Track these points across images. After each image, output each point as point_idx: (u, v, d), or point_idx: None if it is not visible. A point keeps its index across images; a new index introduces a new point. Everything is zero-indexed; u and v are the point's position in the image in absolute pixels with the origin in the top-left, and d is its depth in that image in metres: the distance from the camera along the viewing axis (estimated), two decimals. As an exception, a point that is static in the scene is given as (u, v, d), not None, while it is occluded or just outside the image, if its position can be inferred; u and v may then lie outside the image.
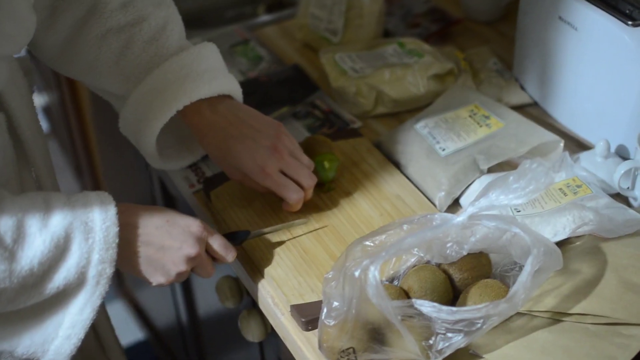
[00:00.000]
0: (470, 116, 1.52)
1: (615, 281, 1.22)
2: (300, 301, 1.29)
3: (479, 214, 1.17)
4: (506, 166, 1.46)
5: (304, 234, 1.39)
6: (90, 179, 2.81)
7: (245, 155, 1.37)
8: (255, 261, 1.37)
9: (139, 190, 2.06)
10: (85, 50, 1.41)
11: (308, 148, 1.47)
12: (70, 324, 1.21)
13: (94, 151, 2.68)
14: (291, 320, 1.29)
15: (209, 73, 1.42)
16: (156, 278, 1.26)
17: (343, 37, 1.80)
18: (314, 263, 1.35)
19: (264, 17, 2.09)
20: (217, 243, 1.28)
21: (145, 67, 1.41)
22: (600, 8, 1.46)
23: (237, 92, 1.46)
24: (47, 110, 3.33)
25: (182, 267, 1.25)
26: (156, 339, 2.65)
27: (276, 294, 1.33)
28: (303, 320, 1.26)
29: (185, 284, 2.01)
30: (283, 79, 1.75)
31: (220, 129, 1.40)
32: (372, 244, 1.17)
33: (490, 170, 1.45)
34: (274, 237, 1.39)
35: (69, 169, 3.17)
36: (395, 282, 1.26)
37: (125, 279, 2.75)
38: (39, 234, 1.15)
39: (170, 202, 1.85)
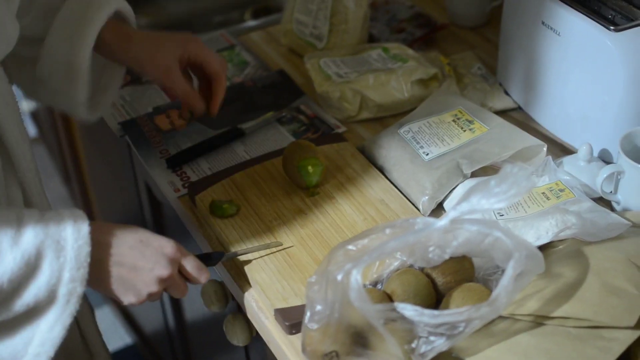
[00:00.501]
0: (454, 121, 1.53)
1: (597, 284, 1.22)
2: (284, 305, 1.29)
3: (461, 218, 1.17)
4: (490, 170, 1.47)
5: (275, 251, 1.39)
6: (78, 184, 2.82)
7: (176, 42, 1.49)
8: (239, 266, 1.38)
9: (126, 195, 2.06)
10: None
11: (292, 152, 1.47)
12: (39, 341, 1.20)
13: (81, 157, 2.68)
14: (275, 324, 1.30)
15: None
16: (127, 298, 1.25)
17: (328, 43, 1.80)
18: (298, 267, 1.35)
19: (250, 23, 2.09)
20: (190, 265, 1.28)
21: None
22: (583, 13, 1.47)
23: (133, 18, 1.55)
24: (34, 116, 3.33)
25: (154, 288, 1.24)
26: (144, 343, 2.64)
27: (260, 298, 1.33)
28: (287, 324, 1.27)
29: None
30: (268, 84, 1.75)
31: (144, 33, 1.49)
32: (354, 248, 1.18)
33: (473, 175, 1.45)
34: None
35: (57, 174, 3.17)
36: (379, 286, 1.27)
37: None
38: (10, 251, 1.14)
39: (157, 207, 1.85)
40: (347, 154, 1.55)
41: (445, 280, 1.25)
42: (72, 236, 1.18)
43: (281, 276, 1.34)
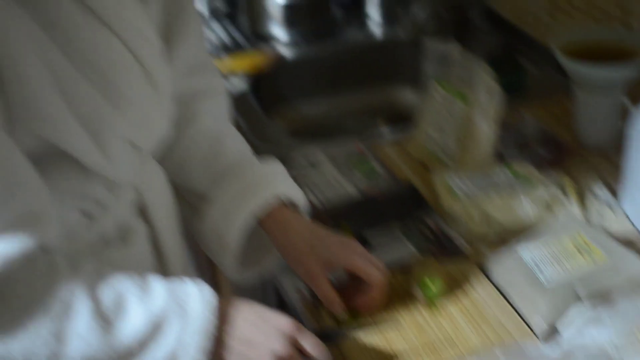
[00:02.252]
0: (574, 245, 1.56)
1: None
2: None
3: (573, 351, 1.20)
4: (606, 298, 1.48)
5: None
6: (211, 276, 2.89)
7: (329, 249, 1.45)
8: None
9: (254, 291, 2.12)
10: (176, 150, 1.51)
11: (414, 268, 1.52)
12: None
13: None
14: None
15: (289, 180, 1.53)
16: None
17: (456, 159, 1.86)
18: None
19: (382, 130, 2.16)
20: (309, 343, 1.29)
21: (234, 167, 1.50)
22: None
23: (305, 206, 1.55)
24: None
25: None
26: None
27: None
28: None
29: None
30: (396, 196, 1.81)
31: (302, 227, 1.47)
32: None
33: (590, 301, 1.47)
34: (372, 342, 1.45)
35: (192, 266, 3.26)
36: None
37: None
38: (138, 311, 1.19)
39: (282, 305, 1.91)
40: (468, 271, 1.59)
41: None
42: (199, 305, 1.22)
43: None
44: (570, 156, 1.93)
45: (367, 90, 2.49)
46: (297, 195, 1.52)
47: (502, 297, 1.53)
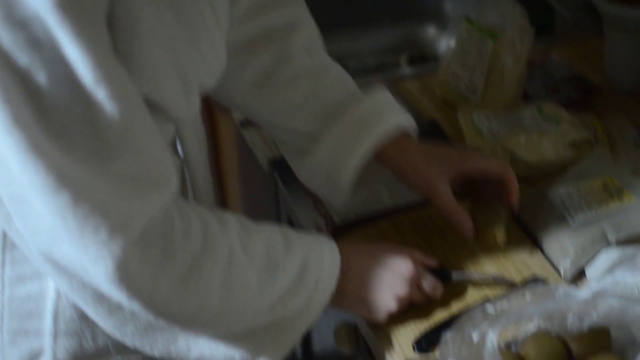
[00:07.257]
0: (603, 187, 1.51)
1: None
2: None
3: (603, 292, 1.16)
4: (636, 240, 1.45)
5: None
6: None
7: (449, 159, 1.42)
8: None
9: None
10: (274, 95, 1.45)
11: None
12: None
13: (227, 183, 2.74)
14: (404, 372, 1.31)
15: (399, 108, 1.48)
16: (363, 313, 1.33)
17: (482, 97, 1.81)
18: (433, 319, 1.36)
19: (405, 70, 2.12)
20: (427, 283, 1.34)
21: (341, 103, 1.44)
22: None
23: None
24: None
25: (392, 306, 1.31)
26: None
27: (391, 344, 1.35)
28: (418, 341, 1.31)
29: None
30: (419, 134, 1.77)
31: (421, 148, 1.44)
32: (493, 310, 1.18)
33: (619, 243, 1.44)
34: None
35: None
36: (512, 347, 1.27)
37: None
38: (288, 261, 1.23)
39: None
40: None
41: (581, 350, 1.24)
42: (328, 253, 1.27)
43: (416, 328, 1.35)
44: (600, 98, 1.88)
45: (388, 27, 2.43)
46: (409, 121, 1.46)
47: (528, 239, 1.49)
